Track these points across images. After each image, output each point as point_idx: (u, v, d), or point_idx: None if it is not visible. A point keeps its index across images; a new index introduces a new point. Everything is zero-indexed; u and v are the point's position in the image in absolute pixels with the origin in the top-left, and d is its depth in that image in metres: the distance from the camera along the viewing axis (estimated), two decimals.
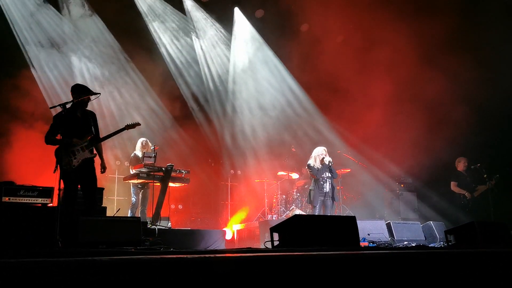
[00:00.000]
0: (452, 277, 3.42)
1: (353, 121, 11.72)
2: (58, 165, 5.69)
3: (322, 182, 8.49)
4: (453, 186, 9.89)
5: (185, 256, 2.36)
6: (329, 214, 8.36)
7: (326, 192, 8.49)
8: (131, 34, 11.78)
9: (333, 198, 8.58)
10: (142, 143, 9.25)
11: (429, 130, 10.78)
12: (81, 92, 6.09)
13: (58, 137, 5.88)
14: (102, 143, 6.45)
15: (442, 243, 8.27)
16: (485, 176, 9.44)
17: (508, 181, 9.63)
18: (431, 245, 8.29)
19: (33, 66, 10.76)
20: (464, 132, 10.39)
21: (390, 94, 11.06)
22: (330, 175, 8.58)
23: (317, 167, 8.55)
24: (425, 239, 8.77)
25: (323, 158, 8.58)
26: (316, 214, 8.27)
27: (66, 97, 6.21)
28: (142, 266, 2.11)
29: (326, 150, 8.84)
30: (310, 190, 8.67)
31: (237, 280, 2.49)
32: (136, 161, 9.03)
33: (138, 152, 9.16)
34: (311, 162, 8.69)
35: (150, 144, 9.17)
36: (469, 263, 3.66)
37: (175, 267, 2.22)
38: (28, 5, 10.85)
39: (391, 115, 11.17)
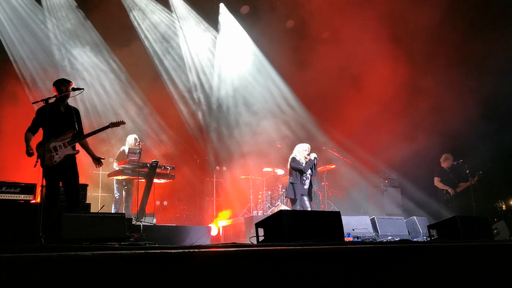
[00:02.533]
0: (434, 269, 3.47)
1: (338, 117, 11.78)
2: (39, 161, 5.62)
3: (305, 178, 8.48)
4: (436, 181, 10.00)
5: (169, 251, 2.35)
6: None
7: (305, 188, 8.48)
8: (116, 31, 11.68)
9: (310, 197, 8.55)
10: (130, 140, 9.18)
11: (413, 126, 10.89)
12: (64, 87, 6.03)
13: (40, 131, 5.84)
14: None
15: (425, 237, 8.37)
16: (467, 172, 9.57)
17: (490, 177, 9.77)
18: (414, 239, 8.39)
19: (15, 60, 10.61)
20: (448, 128, 10.52)
21: (376, 91, 11.14)
22: (311, 172, 8.57)
23: (302, 162, 8.53)
24: (409, 234, 8.87)
25: (309, 154, 8.56)
26: (298, 209, 8.27)
27: (49, 92, 6.14)
28: (126, 260, 2.10)
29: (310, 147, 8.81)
30: (292, 183, 8.45)
31: (221, 274, 2.49)
32: (123, 156, 8.96)
33: (127, 148, 9.08)
34: (296, 156, 8.64)
35: (138, 141, 9.12)
36: (450, 256, 3.71)
37: (159, 261, 2.21)
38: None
39: (375, 111, 11.25)
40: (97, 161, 6.31)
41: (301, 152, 8.63)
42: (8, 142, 9.25)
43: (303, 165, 8.48)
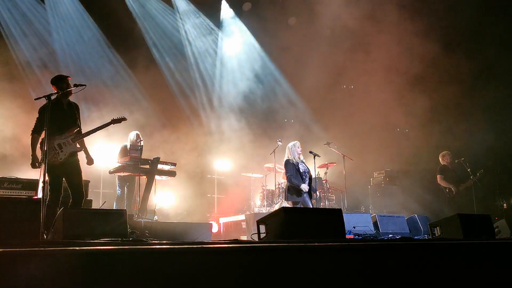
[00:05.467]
0: (435, 267, 3.48)
1: (340, 114, 11.79)
2: (44, 158, 5.63)
3: (304, 177, 8.19)
4: (440, 179, 9.96)
5: (172, 246, 2.36)
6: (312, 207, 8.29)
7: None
8: (117, 26, 11.67)
9: (310, 194, 8.17)
10: (132, 136, 9.20)
11: (414, 124, 10.89)
12: (64, 83, 6.02)
13: (43, 134, 5.83)
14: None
15: (426, 235, 8.37)
16: (468, 170, 9.56)
17: (491, 175, 9.77)
18: (416, 237, 8.38)
19: (16, 57, 10.62)
20: (449, 126, 10.52)
21: (377, 88, 11.14)
22: (307, 168, 8.38)
23: (297, 162, 8.31)
24: (410, 232, 8.86)
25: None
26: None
27: (51, 88, 6.14)
28: (130, 256, 2.11)
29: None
30: (292, 187, 8.02)
31: (224, 270, 2.50)
32: (125, 153, 8.97)
33: (129, 145, 9.09)
34: (289, 157, 8.26)
35: (140, 137, 9.12)
36: (451, 254, 3.72)
37: (162, 257, 2.22)
38: None
39: (377, 109, 11.25)
40: (90, 161, 6.32)
41: (294, 151, 8.35)
42: (10, 138, 9.26)
43: (299, 164, 8.23)
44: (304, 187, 7.89)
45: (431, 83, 10.85)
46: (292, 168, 8.09)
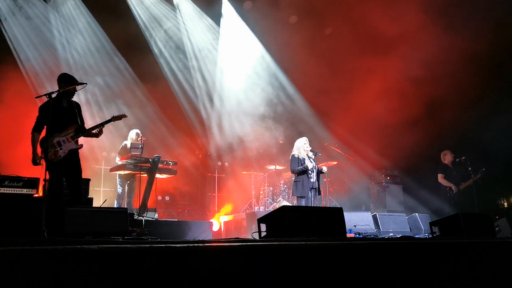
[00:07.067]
0: (436, 266, 3.48)
1: (341, 113, 11.77)
2: (43, 156, 5.64)
3: (310, 172, 8.23)
4: (440, 178, 9.96)
5: (174, 245, 2.36)
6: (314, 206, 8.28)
7: (313, 182, 8.34)
8: (119, 25, 11.66)
9: (318, 190, 8.32)
10: (132, 135, 9.21)
11: (415, 123, 10.86)
12: (68, 82, 6.03)
13: (44, 131, 5.85)
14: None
15: (426, 234, 8.37)
16: (469, 169, 9.55)
17: (492, 174, 9.75)
18: (416, 236, 8.39)
19: (18, 55, 10.63)
20: (450, 125, 10.50)
21: (378, 87, 11.11)
22: (315, 165, 8.41)
23: (304, 158, 8.37)
24: (410, 230, 8.87)
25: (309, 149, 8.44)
26: (303, 205, 8.16)
27: (52, 87, 6.14)
28: (131, 254, 2.11)
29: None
30: (298, 181, 8.21)
31: (224, 268, 2.50)
32: (125, 151, 8.98)
33: (129, 143, 9.11)
34: (295, 153, 8.39)
35: (140, 135, 9.15)
36: (452, 253, 3.72)
37: (164, 255, 2.22)
38: None
39: (378, 108, 11.23)
40: (98, 132, 6.28)
41: (301, 147, 8.44)
42: (11, 136, 9.27)
43: (304, 160, 8.30)
44: (309, 165, 8.18)
45: (433, 80, 10.80)
46: (296, 163, 8.28)
